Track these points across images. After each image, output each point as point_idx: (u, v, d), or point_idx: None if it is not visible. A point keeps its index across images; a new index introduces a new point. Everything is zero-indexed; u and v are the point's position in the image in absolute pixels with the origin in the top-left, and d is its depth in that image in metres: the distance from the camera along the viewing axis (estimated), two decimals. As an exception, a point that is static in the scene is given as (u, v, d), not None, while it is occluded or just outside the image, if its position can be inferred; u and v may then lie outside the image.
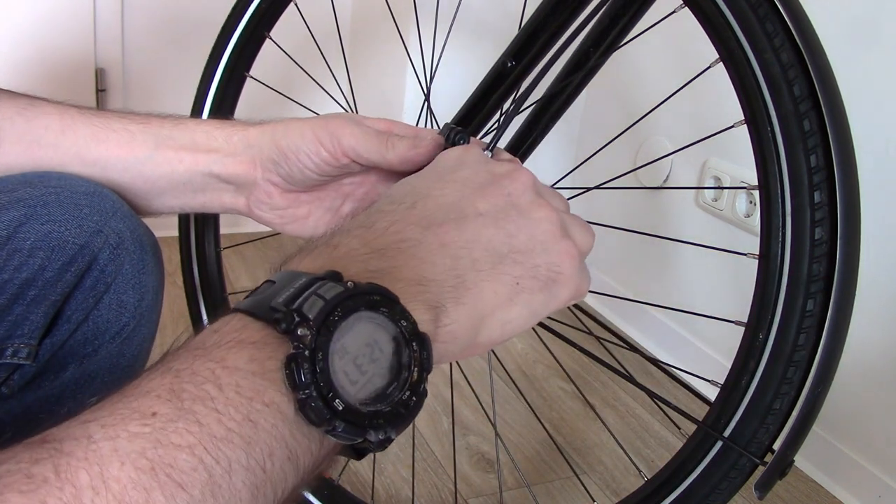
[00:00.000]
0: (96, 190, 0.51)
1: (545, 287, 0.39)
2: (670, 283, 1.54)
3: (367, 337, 0.31)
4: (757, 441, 0.58)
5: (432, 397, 1.31)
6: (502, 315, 0.38)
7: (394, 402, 0.31)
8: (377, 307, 0.31)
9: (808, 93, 0.55)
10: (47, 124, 0.51)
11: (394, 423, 0.31)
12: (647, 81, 1.56)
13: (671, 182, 1.52)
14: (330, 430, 0.29)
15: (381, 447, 0.31)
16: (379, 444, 0.31)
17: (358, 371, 0.30)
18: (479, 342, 0.38)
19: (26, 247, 0.48)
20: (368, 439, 0.30)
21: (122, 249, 0.51)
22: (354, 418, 0.29)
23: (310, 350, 0.29)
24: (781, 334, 0.57)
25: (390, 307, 0.32)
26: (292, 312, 0.30)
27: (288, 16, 0.95)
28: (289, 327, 0.30)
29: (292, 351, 0.29)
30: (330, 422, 0.29)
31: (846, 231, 0.53)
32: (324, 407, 0.29)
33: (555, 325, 0.77)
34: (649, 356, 1.45)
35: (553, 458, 1.20)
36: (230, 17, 0.95)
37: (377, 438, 0.30)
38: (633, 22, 0.72)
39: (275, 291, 0.32)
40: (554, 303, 0.40)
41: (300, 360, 0.29)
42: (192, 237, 1.01)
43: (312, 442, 0.30)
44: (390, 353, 0.31)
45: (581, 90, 0.77)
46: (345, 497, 0.92)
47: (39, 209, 0.48)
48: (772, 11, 0.56)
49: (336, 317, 0.30)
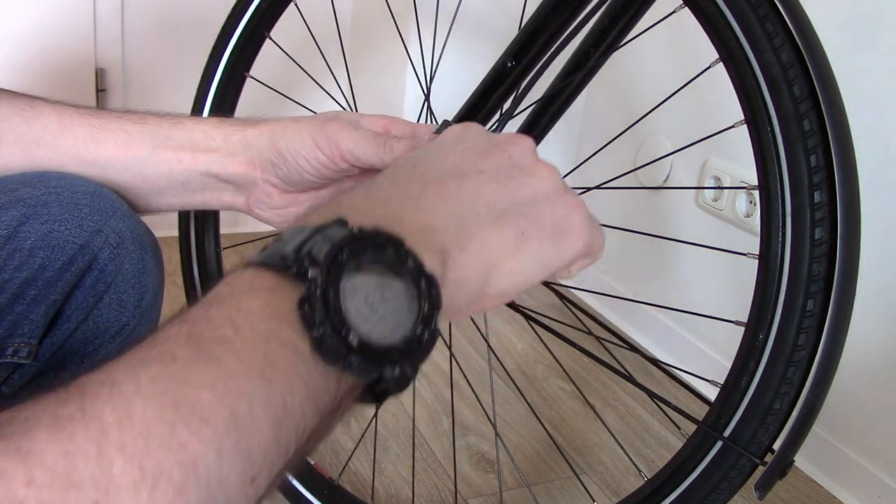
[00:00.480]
0: (96, 190, 0.51)
1: (553, 238, 0.39)
2: (670, 283, 1.54)
3: (375, 276, 0.31)
4: (757, 441, 0.58)
5: (433, 397, 1.31)
6: (510, 265, 0.37)
7: (407, 338, 0.31)
8: (383, 248, 0.32)
9: (808, 93, 0.55)
10: (45, 125, 0.51)
11: (408, 358, 0.31)
12: (647, 81, 1.56)
13: (671, 182, 1.52)
14: (346, 366, 0.30)
15: (399, 386, 0.31)
16: (396, 382, 0.31)
17: (369, 309, 0.31)
18: (488, 293, 0.37)
19: (26, 246, 0.48)
20: (384, 377, 0.31)
21: (122, 249, 0.51)
22: (369, 353, 0.30)
23: (321, 289, 0.29)
24: (781, 334, 0.57)
25: (396, 248, 0.32)
26: (302, 257, 0.31)
27: (288, 16, 0.95)
28: (300, 270, 0.30)
29: (304, 292, 0.30)
30: (345, 358, 0.29)
31: (846, 231, 0.54)
32: (339, 343, 0.29)
33: (555, 325, 0.77)
34: (649, 356, 1.45)
35: (553, 458, 1.20)
36: (230, 17, 0.95)
37: (393, 375, 0.31)
38: (633, 22, 0.72)
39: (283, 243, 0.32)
40: (565, 255, 0.39)
41: (313, 300, 0.29)
42: (192, 237, 1.01)
43: (330, 380, 0.30)
44: (400, 291, 0.32)
45: (581, 90, 0.77)
46: (345, 497, 0.92)
47: (39, 209, 0.48)
48: (772, 11, 0.56)
49: (344, 256, 0.30)
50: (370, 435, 1.16)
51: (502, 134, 0.43)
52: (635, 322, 1.62)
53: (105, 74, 1.65)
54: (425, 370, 1.39)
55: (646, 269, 1.61)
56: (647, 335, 1.59)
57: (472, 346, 1.49)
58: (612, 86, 1.64)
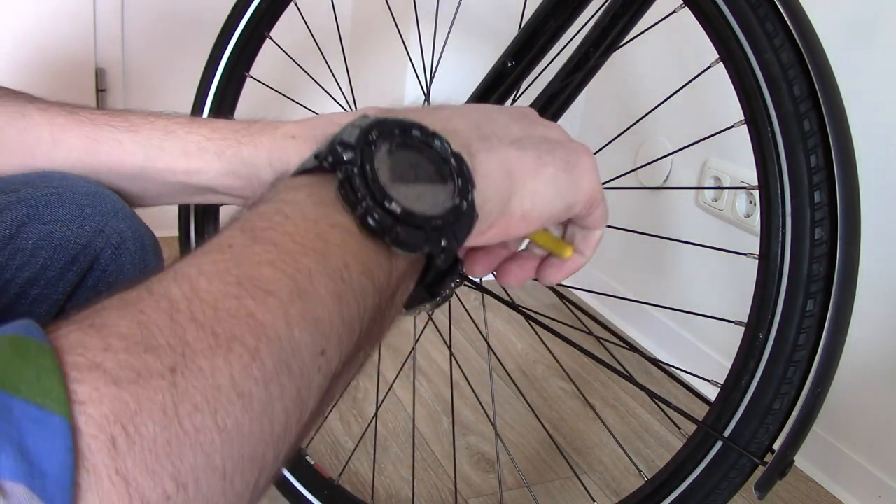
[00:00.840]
0: (98, 190, 0.51)
1: (567, 169, 0.39)
2: (670, 283, 1.54)
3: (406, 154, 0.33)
4: (757, 441, 0.58)
5: (433, 397, 1.31)
6: (531, 184, 0.38)
7: (447, 208, 0.32)
8: (409, 130, 0.33)
9: (808, 93, 0.55)
10: (38, 137, 0.51)
11: (452, 227, 0.32)
12: (647, 81, 1.56)
13: (671, 182, 1.52)
14: (393, 238, 0.31)
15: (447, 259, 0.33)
16: (445, 253, 0.32)
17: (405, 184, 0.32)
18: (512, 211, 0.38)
19: (28, 246, 0.48)
20: (432, 249, 0.32)
21: (124, 249, 0.51)
22: (413, 220, 0.31)
23: (358, 166, 0.31)
24: (781, 334, 0.57)
25: (422, 130, 0.33)
26: (335, 146, 0.32)
27: (288, 16, 0.95)
28: (335, 158, 0.31)
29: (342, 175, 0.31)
30: (391, 229, 0.30)
31: (846, 231, 0.54)
32: (383, 213, 0.30)
33: (555, 325, 0.77)
34: (649, 356, 1.45)
35: (553, 458, 1.20)
36: (230, 17, 0.95)
37: (439, 246, 0.32)
38: (633, 22, 0.72)
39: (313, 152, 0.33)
40: (578, 190, 0.40)
41: (352, 177, 0.31)
42: (193, 237, 1.01)
43: (381, 258, 0.31)
44: (431, 168, 0.33)
45: (581, 90, 0.77)
46: (345, 497, 0.92)
47: (42, 209, 0.48)
48: (772, 11, 0.56)
49: (374, 136, 0.32)
50: (370, 435, 1.16)
51: None
52: (635, 322, 1.62)
53: (105, 74, 1.65)
54: (425, 370, 1.39)
55: (646, 269, 1.61)
56: (647, 335, 1.59)
57: (472, 346, 1.49)
58: (612, 86, 1.64)
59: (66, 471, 0.21)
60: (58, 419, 0.22)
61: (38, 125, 0.51)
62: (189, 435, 0.24)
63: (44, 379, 0.22)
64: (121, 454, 0.22)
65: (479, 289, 0.81)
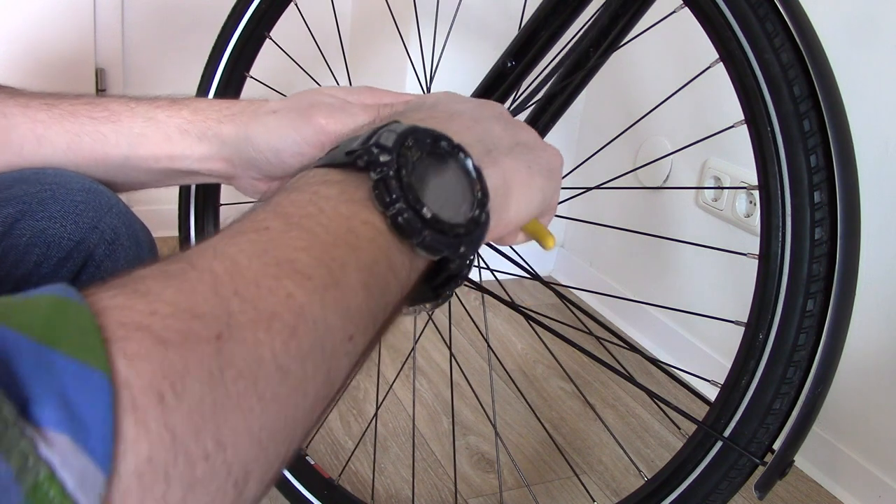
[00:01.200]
0: (91, 186, 0.51)
1: (550, 176, 0.42)
2: (670, 283, 1.54)
3: (437, 162, 0.34)
4: (757, 441, 0.58)
5: (433, 397, 1.31)
6: (524, 193, 0.41)
7: (469, 217, 0.34)
8: (438, 140, 0.35)
9: (808, 93, 0.55)
10: (22, 136, 0.51)
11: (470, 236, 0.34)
12: (647, 81, 1.56)
13: (671, 182, 1.52)
14: (420, 241, 0.32)
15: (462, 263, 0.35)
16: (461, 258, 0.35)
17: (435, 192, 0.33)
18: (507, 219, 0.40)
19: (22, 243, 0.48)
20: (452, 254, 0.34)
21: (118, 245, 0.51)
22: (441, 226, 0.33)
23: (394, 170, 0.32)
24: (781, 334, 0.57)
25: (449, 142, 0.35)
26: (370, 146, 0.33)
27: (288, 16, 0.95)
28: (370, 159, 0.33)
29: (378, 176, 0.32)
30: (420, 231, 0.32)
31: (846, 231, 0.54)
32: (414, 216, 0.32)
33: (555, 325, 0.77)
34: (649, 356, 1.45)
35: (553, 458, 1.20)
36: (230, 17, 0.95)
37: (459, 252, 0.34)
38: (633, 22, 0.72)
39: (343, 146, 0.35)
40: (556, 193, 0.44)
41: (388, 179, 0.32)
42: (193, 237, 1.01)
43: (405, 258, 0.33)
44: (455, 178, 0.35)
45: (581, 90, 0.77)
46: (345, 497, 0.92)
47: (35, 206, 0.48)
48: (772, 11, 0.56)
49: (410, 143, 0.33)
50: (370, 435, 1.16)
51: None
52: (635, 322, 1.62)
53: (105, 74, 1.65)
54: (425, 370, 1.39)
55: (646, 269, 1.61)
56: (647, 335, 1.59)
57: (472, 346, 1.49)
58: (612, 86, 1.64)
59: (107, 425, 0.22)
60: (98, 375, 0.22)
61: (21, 124, 0.51)
62: (232, 399, 0.25)
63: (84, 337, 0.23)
64: (168, 409, 0.23)
65: (479, 289, 0.81)
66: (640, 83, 1.58)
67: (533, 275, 0.80)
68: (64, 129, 0.51)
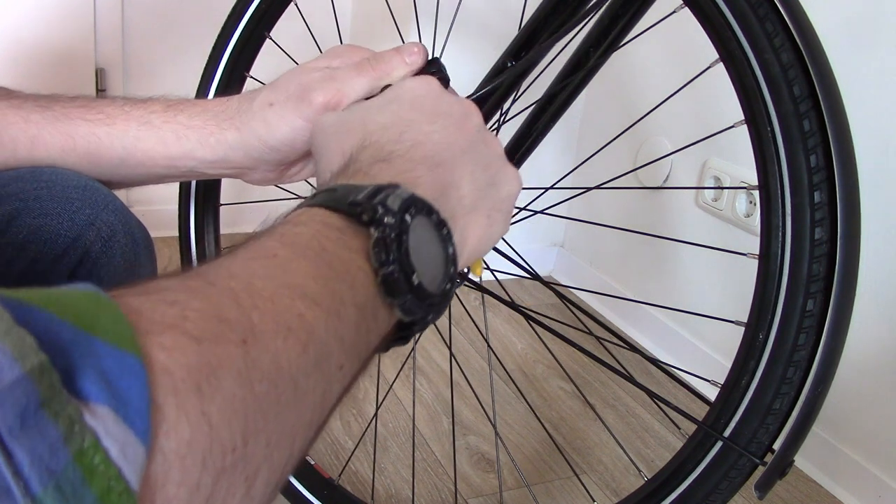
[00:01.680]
0: (88, 184, 0.51)
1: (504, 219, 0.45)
2: (670, 283, 1.54)
3: (426, 235, 0.36)
4: (757, 441, 0.58)
5: (433, 397, 1.31)
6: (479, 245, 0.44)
7: (442, 289, 0.37)
8: (431, 213, 0.37)
9: (808, 93, 0.55)
10: (15, 137, 0.51)
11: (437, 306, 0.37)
12: (647, 81, 1.56)
13: (671, 182, 1.52)
14: (402, 303, 0.34)
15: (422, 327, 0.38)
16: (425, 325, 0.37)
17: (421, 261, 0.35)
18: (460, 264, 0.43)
19: (19, 240, 0.48)
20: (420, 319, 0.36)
21: (114, 242, 0.51)
22: (421, 294, 0.35)
23: (395, 234, 0.34)
24: (781, 334, 0.57)
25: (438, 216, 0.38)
26: (376, 205, 0.34)
27: (288, 16, 0.95)
28: (374, 216, 0.34)
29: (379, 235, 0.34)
30: (404, 294, 0.34)
31: (846, 231, 0.53)
32: (403, 281, 0.34)
33: (555, 325, 0.77)
34: (649, 356, 1.45)
35: (553, 458, 1.20)
36: (230, 17, 0.95)
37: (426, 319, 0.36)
38: (633, 22, 0.72)
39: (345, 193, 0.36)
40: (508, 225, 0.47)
41: (388, 241, 0.34)
42: (192, 237, 1.01)
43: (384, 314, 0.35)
44: (437, 250, 0.37)
45: (581, 90, 0.77)
46: (345, 497, 0.92)
47: (32, 203, 0.49)
48: (772, 11, 0.55)
49: (412, 213, 0.35)
50: (370, 435, 1.16)
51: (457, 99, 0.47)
52: (635, 322, 1.62)
53: (105, 74, 1.65)
54: (425, 370, 1.39)
55: (646, 269, 1.61)
56: (647, 335, 1.59)
57: (472, 346, 1.49)
58: (612, 86, 1.64)
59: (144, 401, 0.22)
60: (133, 359, 0.23)
61: (13, 124, 0.51)
62: (257, 399, 0.26)
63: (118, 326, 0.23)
64: (206, 399, 0.24)
65: (479, 289, 0.81)
66: (640, 83, 1.58)
67: (533, 275, 0.80)
68: (58, 130, 0.51)
